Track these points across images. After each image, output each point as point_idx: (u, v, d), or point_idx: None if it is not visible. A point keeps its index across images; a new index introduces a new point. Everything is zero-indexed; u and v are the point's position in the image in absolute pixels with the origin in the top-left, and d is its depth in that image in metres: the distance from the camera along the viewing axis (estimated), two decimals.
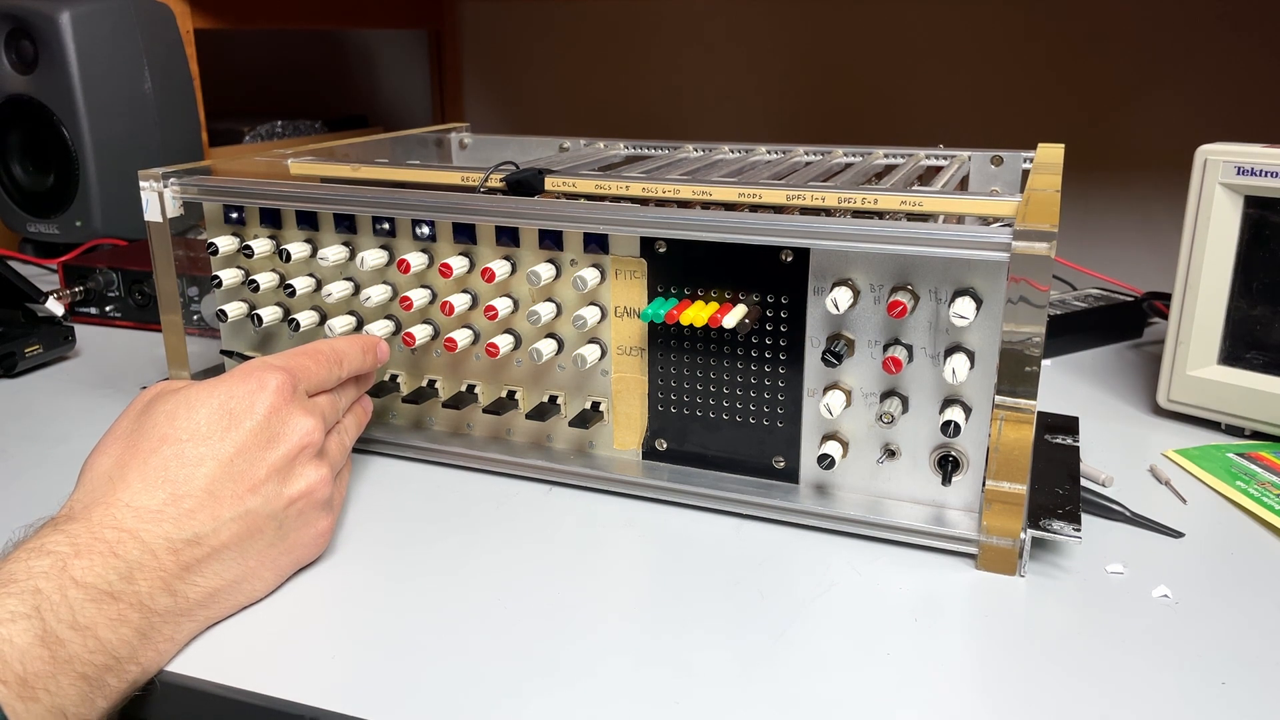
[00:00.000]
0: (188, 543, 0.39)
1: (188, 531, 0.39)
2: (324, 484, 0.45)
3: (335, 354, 0.50)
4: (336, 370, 0.49)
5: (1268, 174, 0.58)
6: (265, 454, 0.43)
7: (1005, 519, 0.46)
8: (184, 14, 1.06)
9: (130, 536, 0.38)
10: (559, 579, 0.45)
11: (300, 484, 0.44)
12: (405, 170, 0.64)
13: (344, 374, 0.50)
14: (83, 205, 0.99)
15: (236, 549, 0.41)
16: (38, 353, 0.72)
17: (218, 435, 0.42)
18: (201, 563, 0.40)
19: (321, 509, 0.45)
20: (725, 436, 0.52)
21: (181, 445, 0.41)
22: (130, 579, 0.37)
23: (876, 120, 1.24)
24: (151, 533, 0.39)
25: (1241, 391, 0.60)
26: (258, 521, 0.42)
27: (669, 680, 0.38)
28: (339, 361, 0.50)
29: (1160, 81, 1.10)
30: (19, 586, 0.34)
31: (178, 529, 0.39)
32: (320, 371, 0.48)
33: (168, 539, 0.39)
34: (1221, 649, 0.40)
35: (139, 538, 0.38)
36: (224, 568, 0.41)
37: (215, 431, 0.42)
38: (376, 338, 0.54)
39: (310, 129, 1.34)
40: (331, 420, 0.49)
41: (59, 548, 0.36)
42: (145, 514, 0.39)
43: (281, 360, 0.47)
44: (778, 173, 0.66)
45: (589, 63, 1.39)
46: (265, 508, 0.42)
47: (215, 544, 0.40)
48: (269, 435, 0.43)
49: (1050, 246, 0.42)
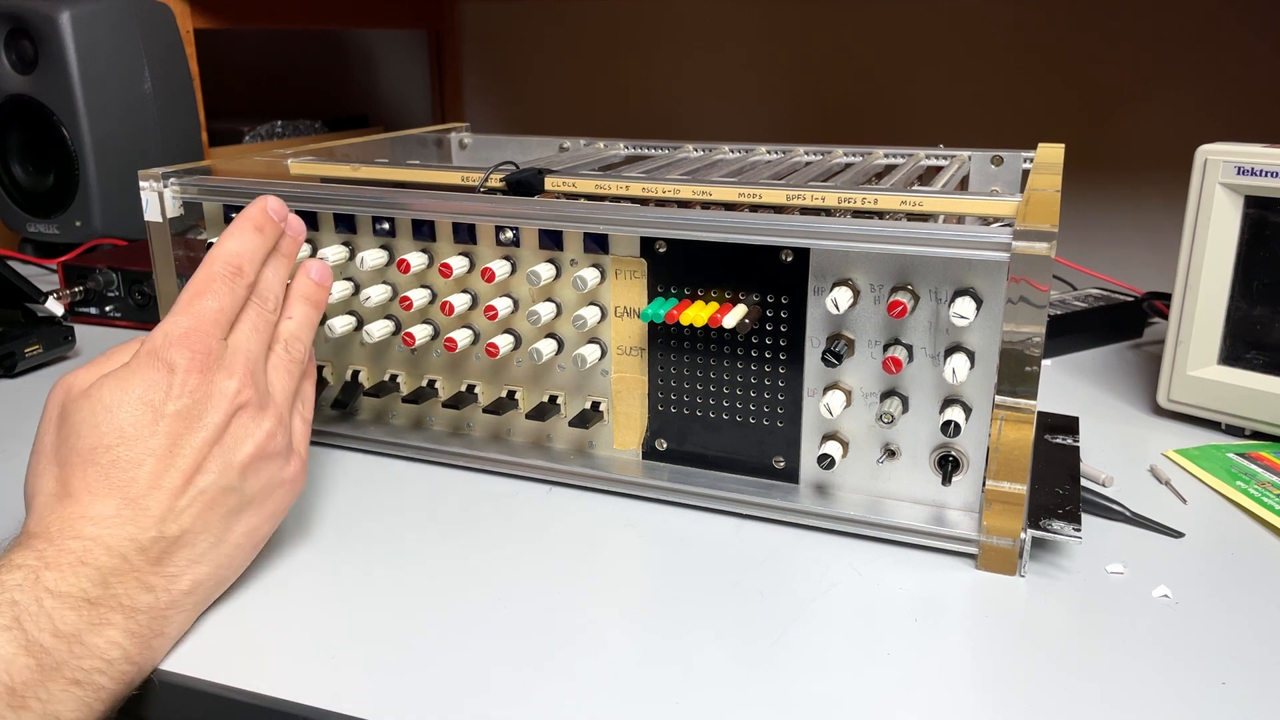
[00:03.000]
0: (153, 540, 0.39)
1: (149, 528, 0.39)
2: (271, 436, 0.43)
3: (227, 264, 0.45)
4: (240, 281, 0.45)
5: (1268, 174, 0.58)
6: (198, 434, 0.41)
7: (1005, 519, 0.46)
8: (184, 14, 1.06)
9: (95, 544, 0.38)
10: (559, 579, 0.45)
11: (246, 446, 0.43)
12: (405, 170, 0.64)
13: (249, 276, 0.45)
14: (82, 205, 0.99)
15: (203, 530, 0.41)
16: (38, 353, 0.72)
17: (146, 431, 0.41)
18: (171, 554, 0.40)
19: (279, 459, 0.44)
20: (725, 436, 0.52)
21: (114, 451, 0.40)
22: (105, 584, 0.37)
23: (876, 120, 1.24)
24: (115, 536, 0.38)
25: (1241, 391, 0.60)
26: (214, 497, 0.41)
27: (669, 680, 0.38)
28: (237, 269, 0.45)
29: (1160, 81, 1.10)
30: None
31: (139, 528, 0.39)
32: (223, 299, 0.44)
33: (133, 539, 0.39)
34: (1221, 649, 0.40)
35: (104, 543, 0.38)
36: (196, 552, 0.40)
37: (142, 428, 0.41)
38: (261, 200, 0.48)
39: (310, 129, 1.34)
40: (259, 351, 0.45)
41: (28, 561, 0.36)
42: (103, 521, 0.38)
43: (181, 322, 0.43)
44: (778, 173, 0.66)
45: (589, 62, 1.39)
46: (218, 483, 0.41)
47: (178, 532, 0.40)
48: (196, 413, 0.41)
49: (1050, 246, 0.42)
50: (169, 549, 0.40)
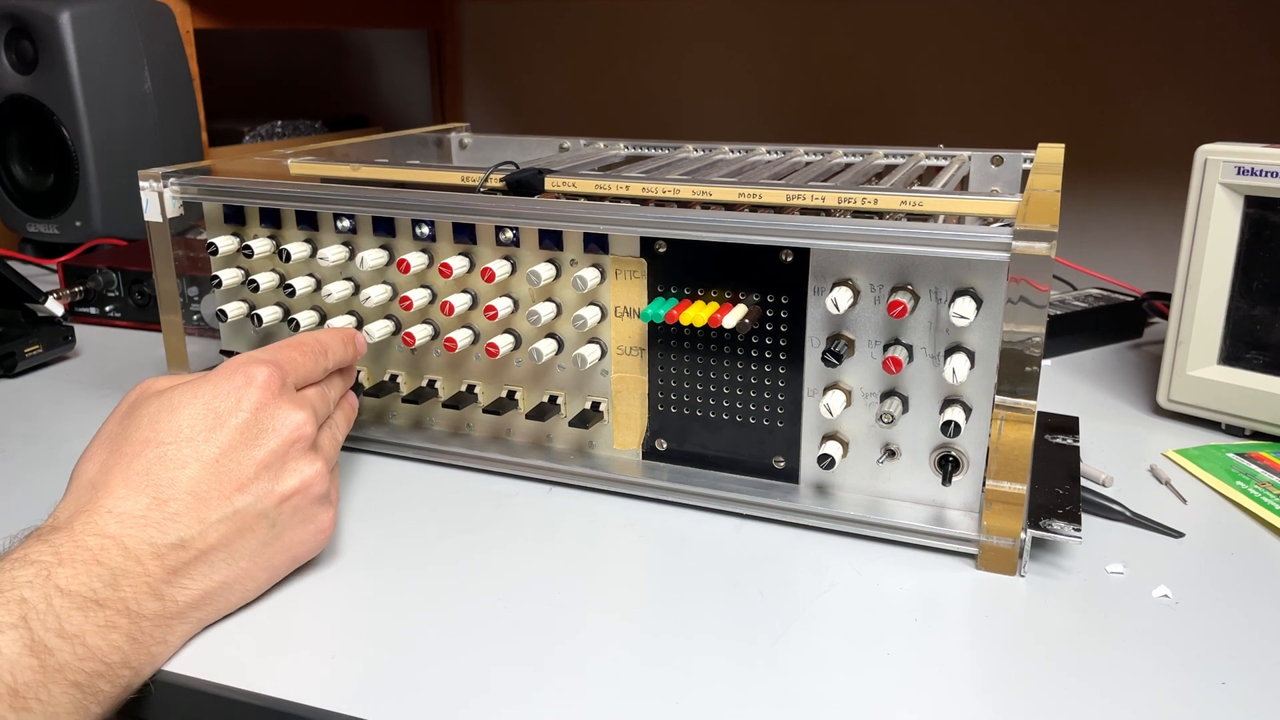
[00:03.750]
0: (172, 547, 0.39)
1: (172, 536, 0.39)
2: (319, 478, 0.44)
3: (320, 345, 0.49)
4: (323, 361, 0.48)
5: (1268, 174, 0.58)
6: (253, 451, 0.42)
7: (1005, 519, 0.46)
8: (184, 14, 1.06)
9: (113, 543, 0.37)
10: (559, 579, 0.45)
11: (293, 480, 0.43)
12: (405, 170, 0.64)
13: (330, 365, 0.49)
14: (82, 205, 0.99)
15: (225, 550, 0.41)
16: (38, 353, 0.72)
17: (202, 436, 0.41)
18: (189, 566, 0.39)
19: (318, 503, 0.45)
20: (725, 436, 0.52)
21: (164, 448, 0.41)
22: (115, 586, 0.37)
23: (876, 120, 1.24)
24: (135, 538, 0.38)
25: (1241, 391, 0.60)
26: (247, 521, 0.41)
27: (669, 680, 0.38)
28: (324, 352, 0.49)
29: (1161, 81, 1.10)
30: (4, 597, 0.34)
31: (162, 534, 0.39)
32: (307, 363, 0.47)
33: (152, 544, 0.38)
34: (1221, 649, 0.40)
35: (122, 544, 0.38)
36: (213, 570, 0.40)
37: (199, 432, 0.41)
38: (354, 329, 0.53)
39: (310, 129, 1.35)
40: (323, 413, 0.47)
41: (42, 557, 0.36)
42: (128, 520, 0.38)
43: (268, 354, 0.46)
44: (778, 173, 0.66)
45: (589, 62, 1.39)
46: (255, 506, 0.41)
47: (202, 546, 0.40)
48: (256, 431, 0.42)
49: (1050, 246, 0.42)
50: (188, 561, 0.39)
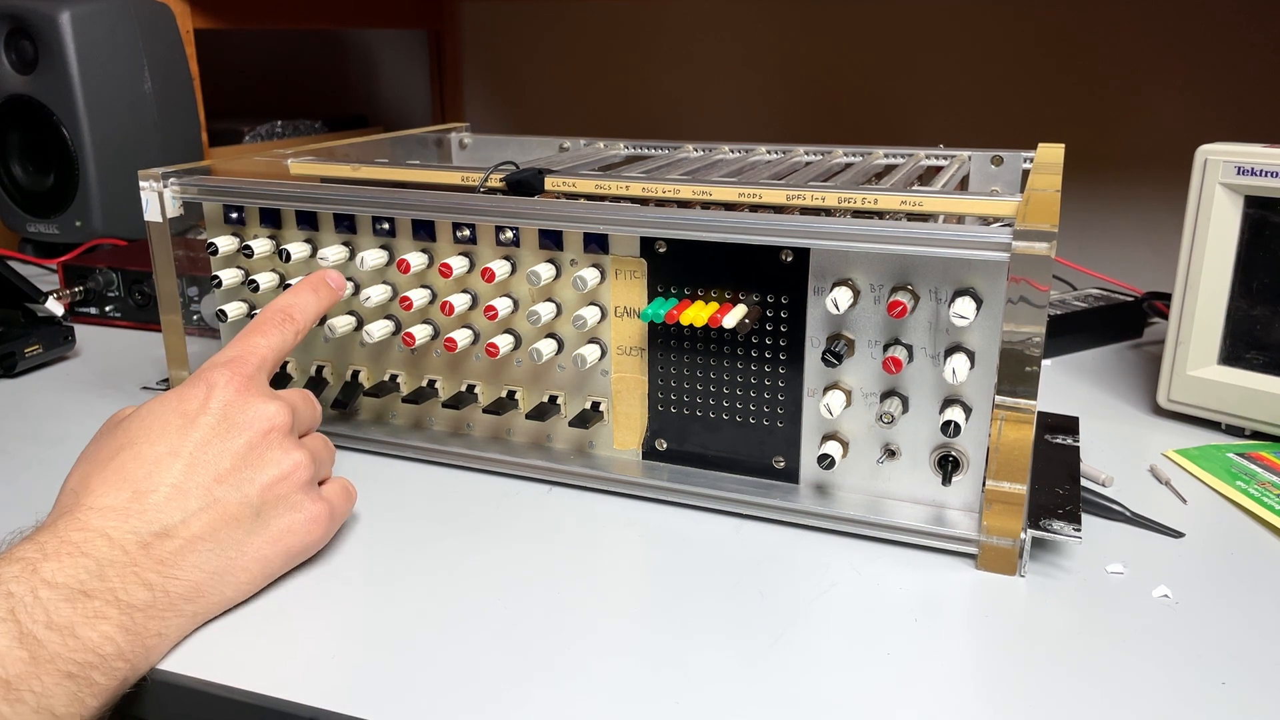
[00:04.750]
0: (157, 535, 0.39)
1: (155, 524, 0.39)
2: (300, 467, 0.44)
3: (281, 313, 0.48)
4: (290, 327, 0.48)
5: (1268, 174, 0.58)
6: (227, 444, 0.42)
7: (1005, 519, 0.46)
8: (184, 14, 1.06)
9: (97, 534, 0.38)
10: (559, 579, 0.45)
11: (273, 469, 0.43)
12: (405, 170, 0.64)
13: (300, 326, 0.48)
14: (82, 205, 0.99)
15: (212, 539, 0.41)
16: (37, 353, 0.72)
17: (174, 433, 0.42)
18: (176, 555, 0.39)
19: (303, 491, 0.44)
20: (725, 436, 0.52)
21: (138, 447, 0.41)
22: (102, 576, 0.37)
23: (876, 120, 1.24)
24: (118, 528, 0.38)
25: (1241, 391, 0.60)
26: (230, 509, 0.41)
27: (669, 680, 0.38)
28: (288, 317, 0.48)
29: (1161, 81, 1.10)
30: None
31: (144, 522, 0.39)
32: (272, 340, 0.47)
33: (135, 533, 0.39)
34: (1221, 649, 0.40)
35: (106, 535, 0.38)
36: (201, 559, 0.40)
37: (171, 430, 0.42)
38: (322, 271, 0.52)
39: (310, 129, 1.34)
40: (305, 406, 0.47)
41: (28, 554, 0.36)
42: (110, 513, 0.39)
43: (229, 353, 0.46)
44: (778, 173, 0.66)
45: (589, 63, 1.39)
46: (235, 494, 0.42)
47: (187, 535, 0.40)
48: (228, 426, 0.43)
49: (1050, 246, 0.42)
50: (174, 550, 0.39)
